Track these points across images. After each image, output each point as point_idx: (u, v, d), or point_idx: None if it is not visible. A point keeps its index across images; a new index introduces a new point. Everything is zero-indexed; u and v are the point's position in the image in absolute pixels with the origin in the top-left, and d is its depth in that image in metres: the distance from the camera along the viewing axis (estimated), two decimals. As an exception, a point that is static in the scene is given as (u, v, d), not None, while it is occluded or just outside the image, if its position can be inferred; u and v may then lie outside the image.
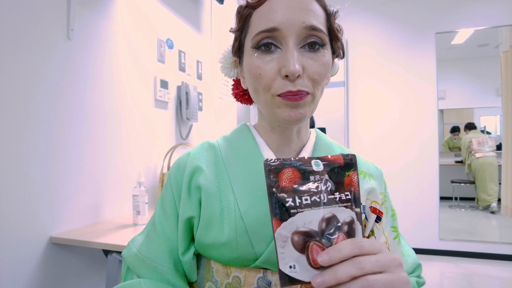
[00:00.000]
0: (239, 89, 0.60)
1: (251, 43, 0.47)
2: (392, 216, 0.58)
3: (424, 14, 3.04)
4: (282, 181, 0.34)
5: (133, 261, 0.53)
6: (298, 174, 0.35)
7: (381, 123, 3.18)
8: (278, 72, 0.45)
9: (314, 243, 0.33)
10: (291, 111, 0.46)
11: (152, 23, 1.67)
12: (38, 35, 1.07)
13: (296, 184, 0.34)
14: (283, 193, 0.33)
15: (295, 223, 0.33)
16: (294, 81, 0.44)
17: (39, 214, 1.07)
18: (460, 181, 3.77)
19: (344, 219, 0.35)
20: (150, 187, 1.64)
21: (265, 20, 0.45)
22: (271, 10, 0.45)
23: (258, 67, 0.46)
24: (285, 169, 0.34)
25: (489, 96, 3.56)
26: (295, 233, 0.32)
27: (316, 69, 0.45)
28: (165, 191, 0.56)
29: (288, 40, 0.44)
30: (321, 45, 0.46)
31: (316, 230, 0.33)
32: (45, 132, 1.09)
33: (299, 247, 0.32)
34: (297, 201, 0.33)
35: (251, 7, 0.48)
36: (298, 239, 0.32)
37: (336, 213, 0.34)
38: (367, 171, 0.56)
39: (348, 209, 0.35)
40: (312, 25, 0.44)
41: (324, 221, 0.33)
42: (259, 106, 0.51)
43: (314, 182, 0.35)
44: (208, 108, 2.20)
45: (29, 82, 1.04)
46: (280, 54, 0.45)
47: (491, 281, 2.50)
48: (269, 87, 0.46)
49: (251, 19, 0.48)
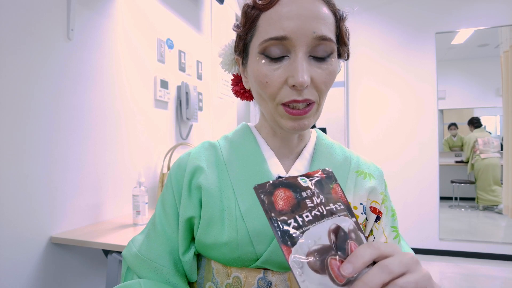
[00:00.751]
0: (239, 86, 0.60)
1: (259, 49, 0.46)
2: (392, 216, 0.58)
3: (424, 14, 3.04)
4: (277, 203, 0.32)
5: (133, 261, 0.53)
6: (290, 193, 0.33)
7: (381, 123, 3.18)
8: (285, 81, 0.44)
9: (331, 258, 0.31)
10: (295, 123, 0.46)
11: (152, 23, 1.67)
12: (38, 35, 1.07)
13: (292, 203, 0.33)
14: (283, 216, 0.32)
15: (305, 244, 0.31)
16: (301, 91, 0.44)
17: (39, 214, 1.07)
18: (460, 181, 3.77)
19: (348, 227, 0.34)
20: (150, 187, 1.64)
21: (275, 27, 0.44)
22: (281, 16, 0.43)
23: (265, 75, 0.45)
24: (277, 190, 0.33)
25: (489, 96, 3.56)
26: (309, 254, 0.30)
27: (323, 79, 0.45)
28: (165, 191, 0.56)
29: (297, 49, 0.43)
30: (329, 54, 0.45)
31: (329, 244, 0.31)
32: (45, 132, 1.09)
33: (318, 268, 0.30)
34: (299, 220, 0.32)
35: (259, 9, 0.46)
36: (315, 260, 0.30)
37: (339, 223, 0.33)
38: (368, 171, 0.56)
39: (347, 217, 0.35)
40: (323, 35, 0.43)
41: (332, 233, 0.32)
42: (263, 110, 0.51)
43: (308, 197, 0.34)
44: (208, 108, 2.20)
45: (29, 82, 1.04)
46: (288, 62, 0.44)
47: (491, 281, 2.50)
48: (274, 96, 0.46)
49: (259, 22, 0.46)
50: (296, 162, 0.53)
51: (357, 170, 0.56)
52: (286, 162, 0.54)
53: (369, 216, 0.54)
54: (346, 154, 0.57)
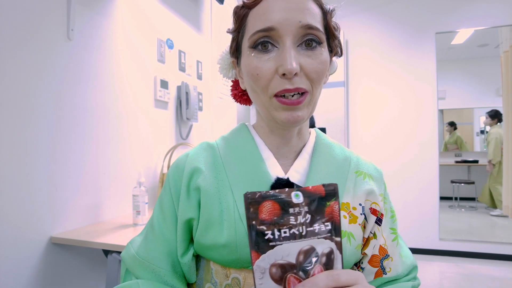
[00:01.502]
0: (238, 90, 0.60)
1: (248, 43, 0.47)
2: (391, 217, 0.58)
3: (424, 14, 3.04)
4: (262, 213, 0.34)
5: (131, 262, 0.53)
6: (278, 207, 0.35)
7: (381, 123, 3.18)
8: (275, 72, 0.45)
9: (291, 275, 0.33)
10: (289, 114, 0.46)
11: (152, 23, 1.67)
12: (38, 35, 1.07)
13: (276, 216, 0.34)
14: (263, 226, 0.34)
15: (273, 256, 0.33)
16: (292, 79, 0.44)
17: (40, 214, 1.08)
18: (460, 181, 3.77)
19: (322, 250, 0.35)
20: (150, 187, 1.64)
21: (262, 20, 0.45)
22: (267, 10, 0.45)
23: (255, 67, 0.46)
24: (265, 202, 0.34)
25: (489, 96, 3.55)
26: (273, 266, 0.33)
27: (314, 67, 0.45)
28: (163, 193, 0.56)
29: (284, 39, 0.44)
30: (318, 43, 0.46)
31: (294, 263, 0.34)
32: (45, 132, 1.10)
33: (276, 279, 0.33)
34: (276, 233, 0.34)
35: (247, 7, 0.48)
36: (276, 271, 0.33)
37: (315, 245, 0.35)
38: (367, 172, 0.56)
39: (327, 240, 0.35)
40: (309, 24, 0.44)
41: (302, 253, 0.34)
42: (257, 107, 0.51)
43: (293, 215, 0.35)
44: (208, 108, 2.20)
45: (29, 82, 1.04)
46: (277, 53, 0.45)
47: (491, 281, 2.50)
48: (266, 87, 0.46)
49: (248, 19, 0.48)
50: (295, 162, 0.52)
51: (356, 171, 0.55)
52: (285, 162, 0.53)
53: (369, 217, 0.54)
54: (346, 154, 0.57)
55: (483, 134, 3.77)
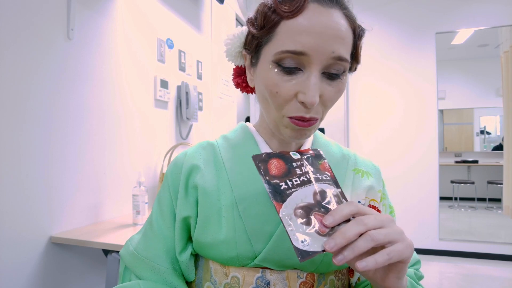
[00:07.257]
0: (242, 79, 0.58)
1: (273, 57, 0.44)
2: (390, 213, 0.58)
3: (424, 14, 3.04)
4: (271, 170, 0.40)
5: (130, 259, 0.53)
6: (282, 163, 0.41)
7: (381, 123, 3.18)
8: (295, 95, 0.44)
9: (315, 213, 0.37)
10: (297, 133, 0.47)
11: (152, 23, 1.67)
12: (38, 35, 1.07)
13: (283, 170, 0.40)
14: (276, 180, 0.39)
15: (294, 201, 0.37)
16: (309, 109, 0.44)
17: (39, 214, 1.08)
18: (460, 181, 3.77)
19: (332, 192, 0.40)
20: (150, 186, 1.64)
21: (294, 41, 0.42)
22: (302, 31, 0.42)
23: (275, 85, 0.44)
24: (271, 160, 0.40)
25: (489, 96, 3.56)
26: (297, 209, 0.37)
27: (331, 96, 0.45)
28: (162, 191, 0.56)
29: (312, 66, 0.43)
30: (342, 72, 0.45)
31: (313, 202, 0.38)
32: (44, 132, 1.10)
33: (304, 220, 0.36)
34: (289, 183, 0.39)
35: (280, 16, 0.44)
36: (301, 213, 0.37)
37: (325, 188, 0.40)
38: (365, 169, 0.57)
39: (332, 186, 0.41)
40: (341, 56, 0.43)
41: (317, 194, 0.39)
42: (265, 114, 0.51)
43: (297, 167, 0.41)
44: (208, 108, 2.20)
45: (28, 82, 1.04)
46: (301, 77, 0.44)
47: (490, 281, 2.50)
48: (282, 107, 0.45)
49: (278, 29, 0.44)
50: None
51: (354, 168, 0.56)
52: None
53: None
54: (343, 153, 0.58)
55: (483, 134, 3.78)
